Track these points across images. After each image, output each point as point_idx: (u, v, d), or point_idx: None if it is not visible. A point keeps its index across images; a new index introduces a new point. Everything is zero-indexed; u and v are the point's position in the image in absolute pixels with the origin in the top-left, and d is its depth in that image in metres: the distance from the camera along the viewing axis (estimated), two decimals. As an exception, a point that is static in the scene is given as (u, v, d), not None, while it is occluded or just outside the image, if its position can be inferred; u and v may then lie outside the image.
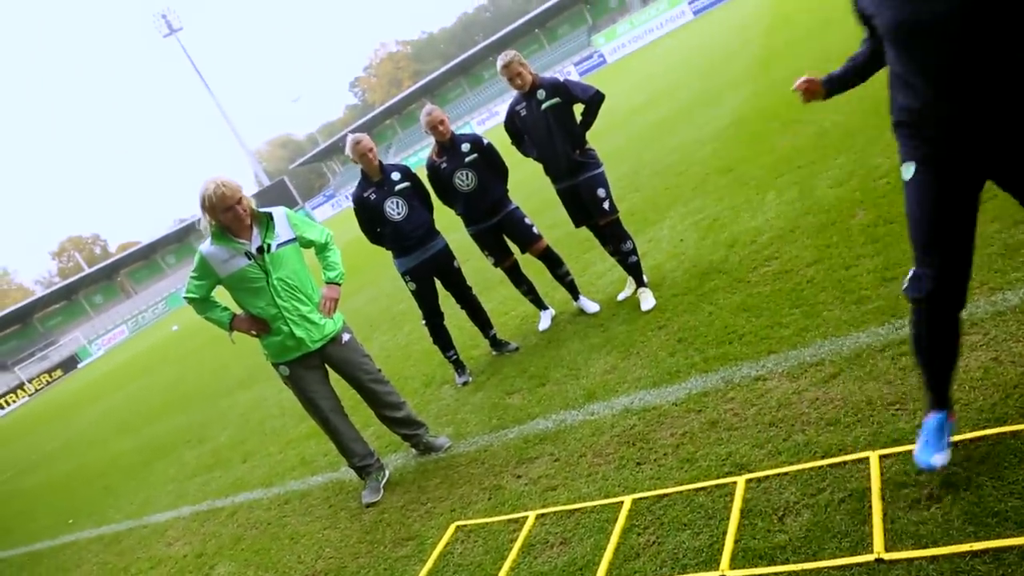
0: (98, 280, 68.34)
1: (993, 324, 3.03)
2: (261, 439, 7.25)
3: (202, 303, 4.20)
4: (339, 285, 4.38)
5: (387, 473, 4.63)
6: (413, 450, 4.77)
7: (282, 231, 4.12)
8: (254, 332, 4.14)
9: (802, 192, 5.55)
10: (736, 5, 35.37)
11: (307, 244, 4.32)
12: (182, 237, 73.82)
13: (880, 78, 2.49)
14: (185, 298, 4.21)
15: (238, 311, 4.24)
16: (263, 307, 4.09)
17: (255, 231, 4.05)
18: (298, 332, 4.13)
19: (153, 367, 21.60)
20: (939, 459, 2.35)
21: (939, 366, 2.41)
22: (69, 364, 54.71)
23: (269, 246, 4.05)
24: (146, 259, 71.66)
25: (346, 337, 4.38)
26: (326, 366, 4.40)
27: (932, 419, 2.44)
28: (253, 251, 4.02)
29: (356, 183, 5.41)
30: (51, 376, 53.47)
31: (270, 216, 4.11)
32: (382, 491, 4.47)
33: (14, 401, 50.79)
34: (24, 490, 12.44)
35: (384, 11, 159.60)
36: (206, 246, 4.04)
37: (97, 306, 66.61)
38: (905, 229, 3.87)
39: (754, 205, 5.91)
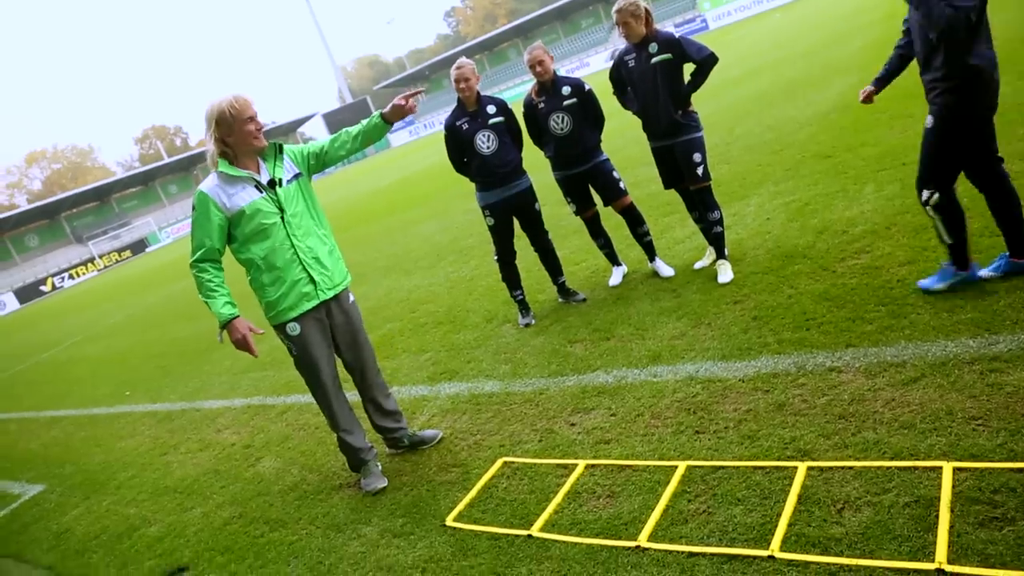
0: (175, 171, 70.28)
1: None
2: (317, 347, 7.42)
3: (213, 267, 3.68)
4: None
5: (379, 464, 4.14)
6: (389, 449, 4.31)
7: (289, 166, 3.78)
8: (246, 346, 3.68)
9: (904, 189, 5.32)
10: (856, -13, 33.67)
11: (318, 158, 3.89)
12: (260, 141, 75.01)
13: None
14: (192, 264, 3.70)
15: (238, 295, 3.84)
16: (276, 248, 3.66)
17: (262, 165, 3.70)
18: (315, 275, 3.74)
19: (218, 262, 22.25)
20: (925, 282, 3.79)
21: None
22: (138, 246, 56.80)
23: (280, 180, 3.69)
24: (223, 157, 73.15)
25: (352, 297, 4.02)
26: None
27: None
28: (264, 183, 3.65)
29: (452, 109, 5.38)
30: (120, 255, 55.67)
31: (279, 147, 3.74)
32: (384, 477, 4.03)
33: (84, 273, 53.17)
34: (86, 357, 13.07)
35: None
36: (207, 183, 3.64)
37: (171, 195, 68.70)
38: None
39: (850, 195, 5.70)
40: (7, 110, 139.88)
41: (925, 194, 3.62)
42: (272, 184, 3.67)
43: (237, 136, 3.55)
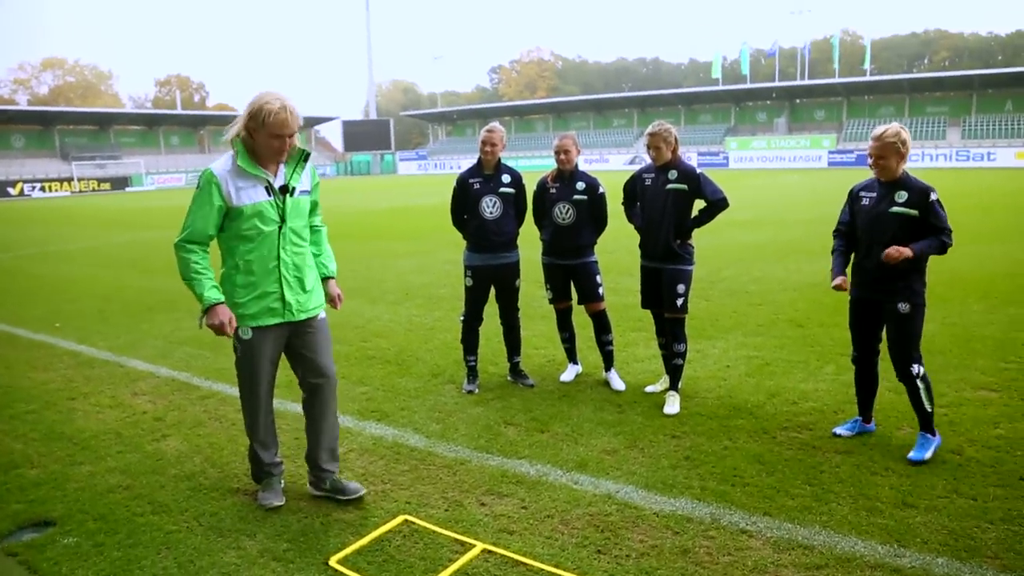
0: (183, 124, 70.10)
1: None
2: (261, 343, 7.31)
3: (201, 251, 3.52)
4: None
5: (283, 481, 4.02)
6: (311, 488, 3.98)
7: (305, 179, 3.67)
8: (224, 331, 3.53)
9: (861, 381, 5.48)
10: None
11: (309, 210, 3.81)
12: (274, 125, 75.69)
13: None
14: (179, 244, 3.50)
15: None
16: (262, 257, 3.55)
17: (282, 168, 3.59)
18: (289, 295, 3.61)
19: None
20: (841, 430, 4.56)
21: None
22: (120, 183, 56.05)
23: (293, 189, 3.58)
24: (233, 128, 73.23)
25: (323, 314, 3.86)
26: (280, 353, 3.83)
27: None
28: (275, 187, 3.54)
29: (470, 165, 5.50)
30: (99, 185, 54.88)
31: (306, 156, 3.64)
32: (283, 496, 3.89)
33: (57, 190, 52.26)
34: (30, 273, 12.74)
35: (555, 20, 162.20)
36: (219, 166, 3.49)
37: (171, 146, 68.23)
38: (942, 466, 3.85)
39: (811, 369, 5.85)
40: (44, 8, 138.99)
41: (916, 368, 4.22)
42: (284, 190, 3.57)
43: (260, 142, 3.44)
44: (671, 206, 5.04)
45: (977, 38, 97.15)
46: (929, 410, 4.22)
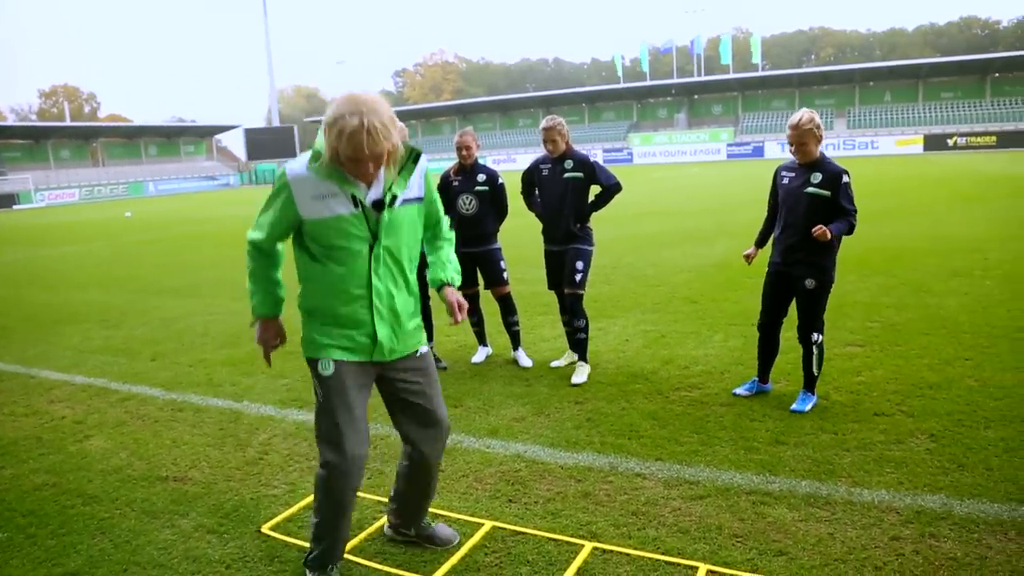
0: (73, 136, 66.97)
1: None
2: (176, 347, 7.37)
3: (264, 256, 2.87)
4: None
5: None
6: (393, 532, 3.41)
7: (414, 183, 2.83)
8: (268, 348, 3.07)
9: (745, 344, 6.05)
10: (770, 165, 36.77)
11: (429, 218, 3.06)
12: (172, 135, 73.22)
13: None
14: (250, 241, 2.84)
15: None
16: (344, 282, 2.76)
17: (381, 173, 2.71)
18: (382, 332, 2.83)
19: (90, 239, 21.24)
20: (740, 390, 4.99)
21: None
22: (6, 201, 53.06)
23: (393, 198, 2.74)
24: (129, 139, 70.56)
25: (424, 348, 3.08)
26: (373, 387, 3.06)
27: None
28: (367, 200, 2.70)
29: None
30: (-17, 204, 51.80)
31: (416, 156, 2.82)
32: None
33: (-64, 211, 49.00)
34: (-80, 297, 12.17)
35: (457, 23, 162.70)
36: (297, 167, 2.69)
37: (61, 160, 65.04)
38: (812, 411, 4.39)
39: (702, 338, 6.40)
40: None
41: (816, 336, 4.68)
42: (379, 205, 2.72)
43: (340, 160, 2.61)
44: (570, 193, 5.46)
45: (858, 35, 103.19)
46: (816, 374, 4.71)
